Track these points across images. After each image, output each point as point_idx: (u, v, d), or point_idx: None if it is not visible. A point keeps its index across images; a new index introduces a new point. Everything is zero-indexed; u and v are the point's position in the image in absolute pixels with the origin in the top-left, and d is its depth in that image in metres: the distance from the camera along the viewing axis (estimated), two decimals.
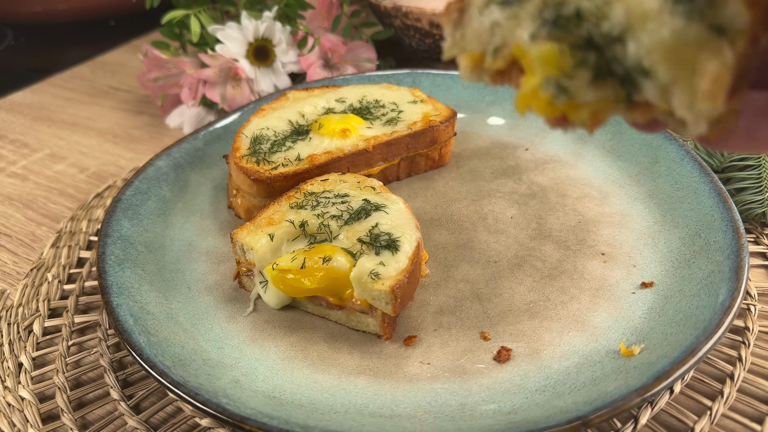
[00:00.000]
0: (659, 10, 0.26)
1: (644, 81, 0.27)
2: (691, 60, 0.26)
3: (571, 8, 0.28)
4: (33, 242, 0.79)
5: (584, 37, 0.28)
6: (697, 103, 0.26)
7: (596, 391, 0.47)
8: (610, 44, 0.27)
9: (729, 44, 0.26)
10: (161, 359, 0.51)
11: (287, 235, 0.62)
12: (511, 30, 0.30)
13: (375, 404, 0.51)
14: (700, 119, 0.26)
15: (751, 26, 0.26)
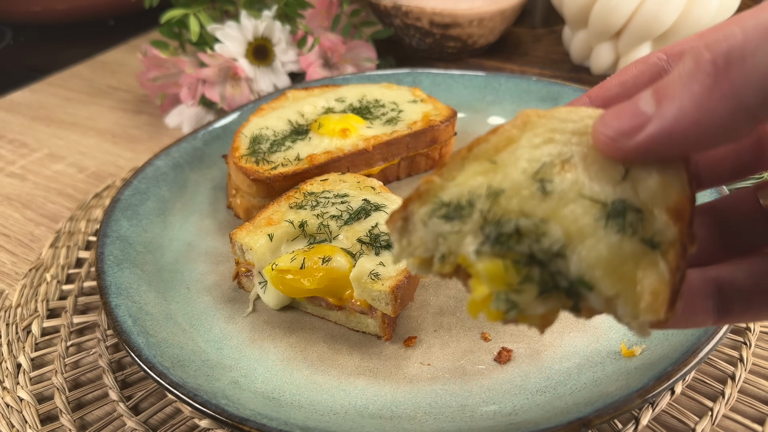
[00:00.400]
0: (594, 226, 0.28)
1: (588, 293, 0.29)
2: (630, 274, 0.28)
3: (511, 226, 0.29)
4: (32, 242, 0.79)
5: (527, 253, 0.29)
6: (641, 316, 0.28)
7: (597, 392, 0.47)
8: (553, 259, 0.29)
9: (662, 256, 0.28)
10: (160, 360, 0.51)
11: (287, 236, 0.61)
12: (456, 243, 0.31)
13: (375, 405, 0.51)
14: (644, 327, 0.28)
15: (679, 238, 0.28)
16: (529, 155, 0.32)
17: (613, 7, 0.90)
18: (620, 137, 0.28)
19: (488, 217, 0.30)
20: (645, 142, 0.28)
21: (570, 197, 0.30)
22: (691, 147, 0.28)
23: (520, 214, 0.30)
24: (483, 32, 1.10)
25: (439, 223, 0.32)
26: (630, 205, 0.29)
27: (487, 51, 1.19)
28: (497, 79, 0.90)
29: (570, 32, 1.07)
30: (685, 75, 0.26)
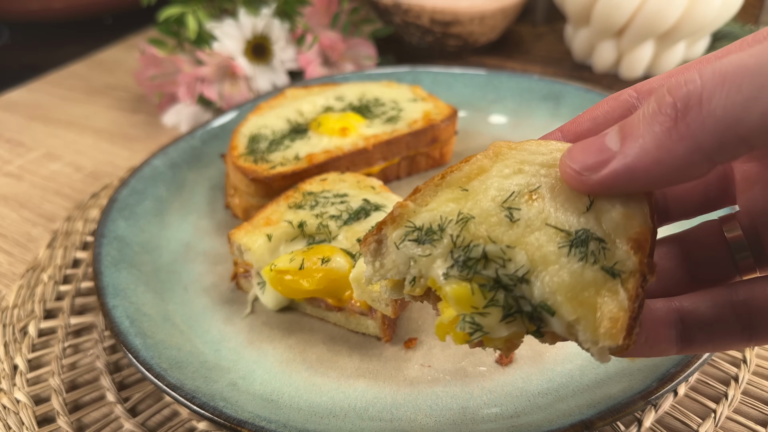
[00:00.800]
0: (557, 254, 0.30)
1: (550, 318, 0.30)
2: (591, 301, 0.29)
3: (479, 251, 0.31)
4: (28, 242, 0.78)
5: (493, 278, 0.31)
6: (600, 341, 0.29)
7: (599, 394, 0.47)
8: (517, 284, 0.30)
9: (622, 285, 0.29)
10: (158, 361, 0.50)
11: (285, 236, 0.61)
12: (427, 266, 0.33)
13: (375, 408, 0.50)
14: (604, 353, 0.30)
15: (638, 268, 0.30)
16: (498, 185, 0.34)
17: (616, 5, 0.90)
18: (585, 171, 0.30)
19: (457, 242, 0.32)
20: (609, 177, 0.30)
21: (536, 225, 0.32)
22: (653, 183, 0.30)
23: (487, 240, 0.32)
24: (484, 30, 1.09)
25: (410, 246, 0.33)
26: (593, 235, 0.31)
27: (489, 49, 1.18)
28: (498, 78, 0.90)
29: (572, 30, 1.07)
30: (648, 116, 0.28)
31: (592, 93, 0.83)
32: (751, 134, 0.26)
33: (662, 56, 0.97)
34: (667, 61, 0.97)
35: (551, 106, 0.86)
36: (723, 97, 0.26)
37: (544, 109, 0.86)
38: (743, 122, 0.26)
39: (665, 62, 0.97)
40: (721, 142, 0.27)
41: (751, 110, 0.25)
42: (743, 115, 0.26)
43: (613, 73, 1.04)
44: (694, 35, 0.93)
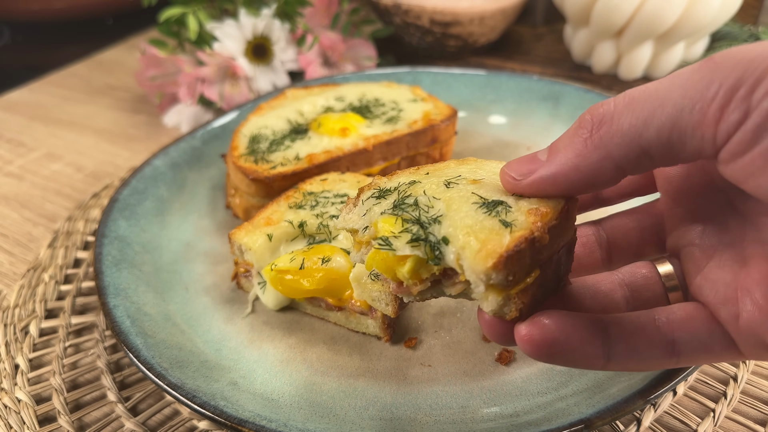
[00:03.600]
0: (470, 208, 0.37)
1: (445, 247, 0.36)
2: (480, 237, 0.35)
3: (412, 200, 0.40)
4: (29, 242, 0.79)
5: (416, 217, 0.38)
6: (478, 263, 0.34)
7: (599, 394, 0.47)
8: (431, 223, 0.38)
9: (510, 233, 0.36)
10: (158, 361, 0.50)
11: (286, 236, 0.61)
12: (375, 212, 0.41)
13: (375, 407, 0.50)
14: (479, 282, 0.35)
15: (529, 226, 0.36)
16: (453, 173, 0.43)
17: (615, 6, 0.90)
18: (518, 176, 0.37)
19: (400, 196, 0.41)
20: (535, 181, 0.36)
21: (464, 193, 0.39)
22: (572, 188, 0.35)
23: (421, 193, 0.40)
24: (484, 31, 1.10)
25: (370, 201, 0.42)
26: (505, 203, 0.38)
27: (488, 49, 1.18)
28: (498, 78, 0.90)
29: (571, 31, 1.07)
30: (571, 132, 0.35)
31: (592, 93, 0.83)
32: (650, 146, 0.32)
33: (661, 57, 0.97)
34: (667, 62, 0.97)
35: (550, 106, 0.86)
36: (629, 115, 0.32)
37: (544, 109, 0.87)
38: (643, 135, 0.31)
39: (664, 63, 0.98)
40: (626, 152, 0.32)
41: (649, 126, 0.31)
42: (643, 129, 0.31)
43: (612, 73, 1.04)
44: (693, 36, 0.93)
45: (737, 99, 0.29)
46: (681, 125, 0.30)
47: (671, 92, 0.31)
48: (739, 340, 0.36)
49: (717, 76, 0.30)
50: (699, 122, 0.30)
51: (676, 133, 0.31)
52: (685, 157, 0.32)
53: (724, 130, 0.30)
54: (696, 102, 0.30)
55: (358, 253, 0.43)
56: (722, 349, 0.36)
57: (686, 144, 0.31)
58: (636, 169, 0.33)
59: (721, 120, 0.30)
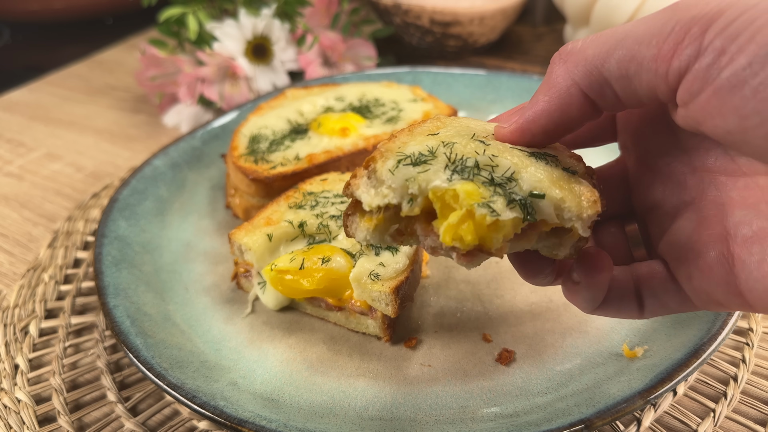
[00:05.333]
0: (529, 161, 0.37)
1: (540, 202, 0.36)
2: (567, 186, 0.36)
3: (471, 161, 0.37)
4: (29, 242, 0.79)
5: (489, 179, 0.36)
6: (584, 212, 0.36)
7: (599, 394, 0.47)
8: (506, 182, 0.36)
9: (581, 177, 0.38)
10: (158, 361, 0.50)
11: (286, 236, 0.61)
12: (426, 180, 0.36)
13: (375, 407, 0.50)
14: (586, 225, 0.36)
15: (585, 170, 0.39)
16: (461, 129, 0.41)
17: (615, 5, 0.90)
18: (504, 123, 0.39)
19: (451, 158, 0.37)
20: (516, 128, 0.38)
21: (503, 148, 0.38)
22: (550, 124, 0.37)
23: (474, 154, 0.37)
24: (484, 30, 1.10)
25: (407, 169, 0.37)
26: (546, 152, 0.39)
27: (488, 49, 1.18)
28: (498, 78, 0.90)
29: (571, 30, 1.07)
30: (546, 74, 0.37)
31: None
32: (611, 76, 0.33)
33: None
34: None
35: None
36: (593, 47, 0.34)
37: None
38: (605, 65, 0.33)
39: None
40: (590, 80, 0.34)
41: (611, 56, 0.33)
42: (605, 58, 0.33)
43: None
44: None
45: (690, 36, 0.30)
46: (638, 57, 0.32)
47: (635, 28, 0.33)
48: (692, 297, 0.38)
49: (675, 15, 0.31)
50: (654, 56, 0.31)
51: (633, 65, 0.32)
52: (642, 92, 0.33)
53: (676, 66, 0.31)
54: (653, 36, 0.32)
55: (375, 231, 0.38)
56: (678, 305, 0.39)
57: (642, 77, 0.32)
58: (601, 99, 0.35)
59: (674, 56, 0.31)
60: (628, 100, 0.35)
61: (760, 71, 0.28)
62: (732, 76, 0.29)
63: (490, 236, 0.36)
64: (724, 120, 0.30)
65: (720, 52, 0.29)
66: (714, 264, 0.35)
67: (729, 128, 0.30)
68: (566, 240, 0.38)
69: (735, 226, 0.35)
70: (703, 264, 0.36)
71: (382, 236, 0.39)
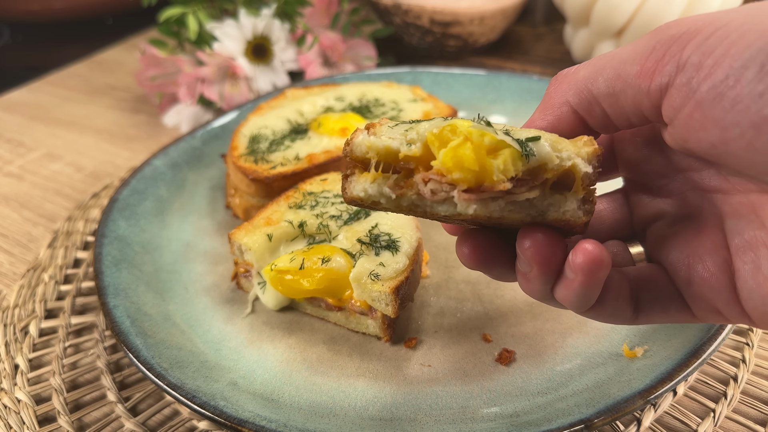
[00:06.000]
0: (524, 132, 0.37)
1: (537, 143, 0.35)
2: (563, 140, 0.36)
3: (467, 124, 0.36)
4: (29, 242, 0.79)
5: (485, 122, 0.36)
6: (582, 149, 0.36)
7: (599, 394, 0.47)
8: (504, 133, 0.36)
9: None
10: (158, 361, 0.50)
11: (286, 236, 0.61)
12: (424, 126, 0.37)
13: (375, 407, 0.50)
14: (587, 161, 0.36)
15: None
16: None
17: (615, 6, 0.90)
18: None
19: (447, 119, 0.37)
20: None
21: None
22: None
23: (470, 122, 0.36)
24: (484, 30, 1.10)
25: (404, 125, 0.38)
26: None
27: (488, 49, 1.18)
28: (498, 78, 0.90)
29: (572, 31, 1.07)
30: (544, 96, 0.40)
31: None
32: (599, 94, 0.36)
33: None
34: None
35: None
36: (585, 69, 0.37)
37: None
38: (594, 84, 0.36)
39: None
40: (579, 98, 0.37)
41: (599, 76, 0.36)
42: (595, 79, 0.36)
43: None
44: None
45: (670, 53, 0.32)
46: (623, 75, 0.34)
47: (622, 50, 0.35)
48: (692, 305, 0.38)
49: (657, 35, 0.34)
50: (638, 73, 0.33)
51: (619, 83, 0.34)
52: (629, 109, 0.35)
53: (658, 82, 0.32)
54: (637, 55, 0.34)
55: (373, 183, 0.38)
56: (677, 312, 0.39)
57: (627, 93, 0.34)
58: (590, 117, 0.38)
59: (656, 72, 0.32)
60: (616, 119, 0.36)
61: (736, 84, 0.29)
62: (711, 89, 0.30)
63: (489, 164, 0.34)
64: (706, 133, 0.31)
65: (698, 66, 0.30)
66: (715, 269, 0.35)
67: (712, 141, 0.31)
68: (570, 196, 0.36)
69: (729, 235, 0.35)
70: (703, 269, 0.36)
71: (380, 188, 0.38)
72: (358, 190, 0.38)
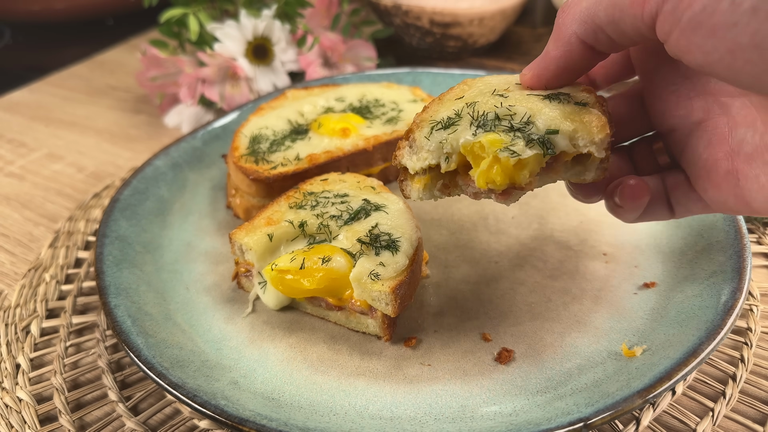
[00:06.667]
0: (543, 103, 0.45)
1: (556, 137, 0.43)
2: (579, 118, 0.43)
3: (492, 115, 0.45)
4: (31, 242, 0.79)
5: (508, 127, 0.44)
6: (596, 136, 0.43)
7: (598, 393, 0.47)
8: (525, 126, 0.44)
9: (591, 107, 0.45)
10: (159, 360, 0.50)
11: (286, 236, 0.61)
12: (456, 138, 0.45)
13: (375, 406, 0.51)
14: (601, 147, 0.43)
15: (596, 99, 0.46)
16: (482, 90, 0.49)
17: None
18: (526, 72, 0.48)
19: (474, 116, 0.45)
20: (533, 74, 0.47)
21: (520, 97, 0.46)
22: (561, 69, 0.45)
23: (494, 108, 0.45)
24: (484, 31, 1.10)
25: (439, 133, 0.46)
26: (560, 93, 0.46)
27: (488, 50, 1.18)
28: None
29: None
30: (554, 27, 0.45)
31: None
32: (602, 23, 0.40)
33: None
34: None
35: None
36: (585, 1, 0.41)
37: None
38: (596, 15, 0.40)
39: None
40: (585, 29, 0.41)
41: (599, 6, 0.39)
42: (595, 10, 0.40)
43: None
44: None
45: None
46: (619, 5, 0.38)
47: None
48: (711, 204, 0.45)
49: None
50: (631, 2, 0.37)
51: (617, 12, 0.38)
52: (630, 33, 0.39)
53: (648, 10, 0.36)
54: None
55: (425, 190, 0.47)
56: (701, 209, 0.47)
57: (626, 20, 0.38)
58: (597, 43, 0.42)
59: (646, 1, 0.36)
60: (621, 41, 0.41)
61: (714, 13, 0.33)
62: (692, 18, 0.34)
63: (518, 174, 0.43)
64: (693, 56, 0.35)
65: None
66: (723, 180, 0.42)
67: (699, 62, 0.36)
68: (589, 165, 0.45)
69: (738, 144, 0.41)
70: (714, 179, 0.43)
71: (431, 192, 0.48)
72: (414, 195, 0.48)
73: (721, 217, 0.61)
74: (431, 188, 0.47)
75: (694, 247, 0.61)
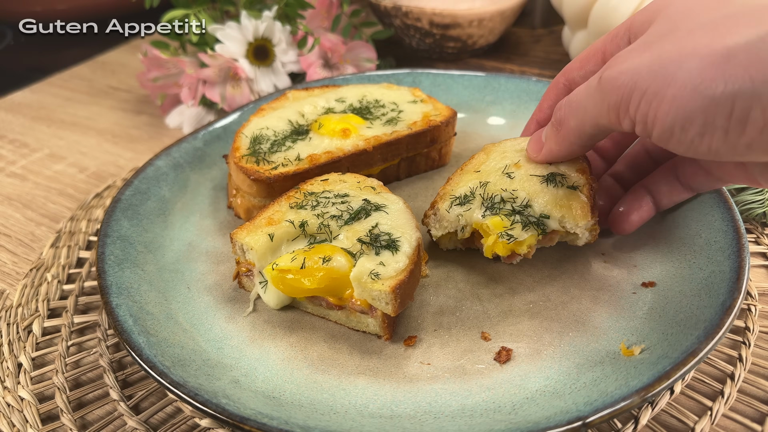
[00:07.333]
0: (541, 187, 0.58)
1: (548, 220, 0.57)
2: (567, 204, 0.57)
3: (498, 198, 0.59)
4: (32, 242, 0.79)
5: (510, 210, 0.58)
6: (579, 222, 0.56)
7: (597, 392, 0.47)
8: (524, 209, 0.57)
9: (581, 192, 0.58)
10: (161, 359, 0.51)
11: (287, 235, 0.61)
12: (469, 216, 0.59)
13: (375, 405, 0.51)
14: (584, 230, 0.57)
15: (587, 182, 0.59)
16: (496, 164, 0.63)
17: (613, 8, 0.90)
18: (533, 154, 0.61)
19: (484, 197, 0.60)
20: (543, 157, 0.59)
21: (524, 177, 0.59)
22: (565, 157, 0.58)
23: (500, 191, 0.59)
24: (483, 32, 1.10)
25: (457, 209, 0.60)
26: (557, 173, 0.59)
27: (487, 51, 1.19)
28: (497, 80, 0.90)
29: (570, 33, 1.08)
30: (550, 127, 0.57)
31: None
32: (593, 132, 0.51)
33: None
34: None
35: None
36: (572, 118, 0.52)
37: None
38: (585, 128, 0.51)
39: None
40: (581, 138, 0.53)
41: (585, 123, 0.51)
42: (583, 125, 0.51)
43: None
44: None
45: (621, 114, 0.46)
46: (602, 124, 0.49)
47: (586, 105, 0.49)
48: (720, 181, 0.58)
49: (605, 98, 0.46)
50: (610, 124, 0.48)
51: (602, 125, 0.49)
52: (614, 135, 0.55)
53: (625, 127, 0.46)
54: (600, 116, 0.48)
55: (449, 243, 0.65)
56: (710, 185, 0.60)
57: (612, 129, 0.49)
58: (591, 144, 0.54)
59: (620, 123, 0.46)
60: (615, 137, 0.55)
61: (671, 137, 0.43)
62: (660, 137, 0.44)
63: (517, 248, 0.57)
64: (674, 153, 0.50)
65: (644, 122, 0.44)
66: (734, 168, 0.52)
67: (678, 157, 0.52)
68: (581, 235, 0.58)
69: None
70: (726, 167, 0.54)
71: (455, 245, 0.65)
72: (442, 246, 0.65)
73: (719, 216, 0.61)
74: (455, 242, 0.65)
75: (693, 246, 0.61)
